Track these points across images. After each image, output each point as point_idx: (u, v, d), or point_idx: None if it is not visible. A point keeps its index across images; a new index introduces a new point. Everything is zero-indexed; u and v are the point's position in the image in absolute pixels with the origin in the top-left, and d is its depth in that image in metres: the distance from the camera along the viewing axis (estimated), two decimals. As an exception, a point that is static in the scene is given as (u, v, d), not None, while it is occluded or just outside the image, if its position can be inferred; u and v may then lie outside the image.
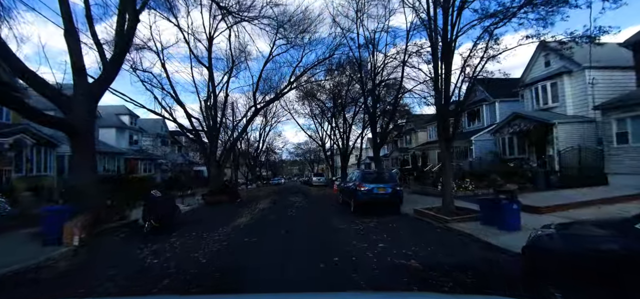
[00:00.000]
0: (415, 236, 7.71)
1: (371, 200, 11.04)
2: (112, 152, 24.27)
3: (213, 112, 21.46)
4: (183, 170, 38.98)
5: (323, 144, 38.93)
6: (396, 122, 18.56)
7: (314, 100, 30.82)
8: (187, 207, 15.22)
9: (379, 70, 17.21)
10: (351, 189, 11.88)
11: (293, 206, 14.64)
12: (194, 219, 11.68)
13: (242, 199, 18.24)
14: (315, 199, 18.14)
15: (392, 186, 11.27)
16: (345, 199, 13.36)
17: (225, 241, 7.47)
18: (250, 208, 13.98)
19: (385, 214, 11.03)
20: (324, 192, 23.83)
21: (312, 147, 67.48)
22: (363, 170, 13.05)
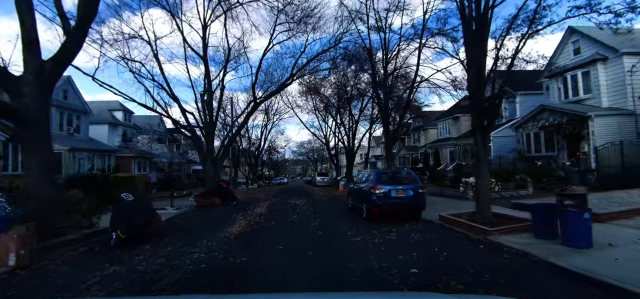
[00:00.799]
0: (454, 255, 5.86)
1: (389, 205, 9.20)
2: (102, 150, 22.60)
3: (208, 108, 19.73)
4: (180, 169, 37.33)
5: (327, 142, 37.09)
6: (411, 116, 16.60)
7: (317, 95, 29.01)
8: (175, 211, 13.47)
9: (392, 56, 15.34)
10: (364, 192, 10.03)
11: (295, 210, 12.82)
12: (177, 226, 9.93)
13: (238, 201, 16.45)
14: (320, 202, 16.31)
15: (413, 188, 9.41)
16: (355, 204, 11.53)
17: (205, 262, 5.67)
18: (246, 213, 12.18)
19: (405, 222, 9.20)
20: (329, 193, 21.98)
21: (316, 146, 65.79)
22: (378, 169, 11.19)
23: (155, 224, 8.66)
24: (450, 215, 9.26)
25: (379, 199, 9.21)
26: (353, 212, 11.39)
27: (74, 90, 22.69)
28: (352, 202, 12.00)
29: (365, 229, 8.41)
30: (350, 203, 12.32)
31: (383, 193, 9.21)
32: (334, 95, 29.07)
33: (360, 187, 10.77)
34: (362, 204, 10.10)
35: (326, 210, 12.73)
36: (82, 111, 23.08)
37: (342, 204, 14.64)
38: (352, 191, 12.16)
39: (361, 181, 11.17)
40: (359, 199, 10.74)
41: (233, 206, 15.08)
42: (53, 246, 7.07)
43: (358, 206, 10.96)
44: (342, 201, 16.10)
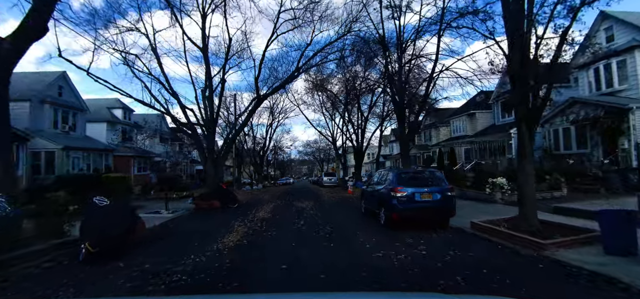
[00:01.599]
0: (514, 279, 4.44)
1: (412, 211, 7.80)
2: (98, 149, 21.52)
3: (209, 103, 18.50)
4: (182, 169, 36.31)
5: (334, 141, 35.71)
6: (429, 109, 15.09)
7: (324, 91, 27.65)
8: (170, 214, 12.22)
9: (408, 44, 13.90)
10: (381, 195, 8.65)
11: (302, 214, 11.47)
12: (166, 234, 8.64)
13: (240, 204, 15.17)
14: (329, 205, 14.94)
15: (440, 190, 8.00)
16: (369, 208, 10.14)
17: (185, 288, 4.35)
18: (248, 217, 10.86)
19: (430, 230, 7.80)
20: (337, 195, 20.61)
21: (322, 145, 64.45)
22: (398, 169, 9.77)
23: (138, 232, 7.39)
24: (484, 222, 7.84)
25: (400, 204, 7.81)
26: (367, 218, 9.99)
27: (69, 86, 21.66)
28: (366, 206, 10.61)
29: (385, 240, 7.02)
30: (364, 207, 10.92)
31: (405, 197, 7.81)
32: (341, 91, 27.68)
33: (376, 190, 9.37)
34: (379, 209, 8.71)
35: (336, 215, 11.35)
36: (78, 108, 22.04)
37: (353, 208, 13.25)
38: (366, 194, 10.76)
39: (377, 182, 9.76)
40: (374, 203, 9.34)
41: (234, 209, 13.80)
42: (11, 259, 5.85)
43: (373, 211, 9.57)
44: (353, 204, 14.71)
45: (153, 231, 9.05)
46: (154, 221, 10.82)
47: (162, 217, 11.84)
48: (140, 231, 7.56)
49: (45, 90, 19.50)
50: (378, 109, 26.09)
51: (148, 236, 7.74)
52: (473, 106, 28.71)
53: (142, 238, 7.37)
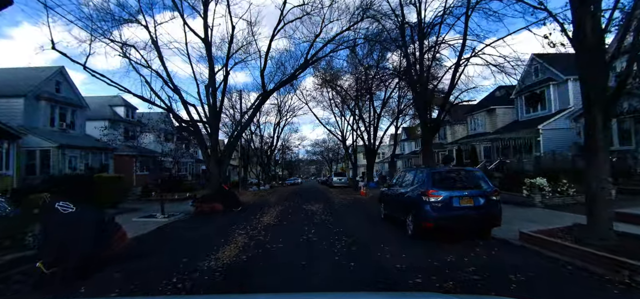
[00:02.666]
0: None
1: (450, 219, 6.36)
2: (97, 148, 20.51)
3: (212, 98, 17.29)
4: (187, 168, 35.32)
5: (344, 140, 34.26)
6: (453, 104, 13.47)
7: (335, 87, 26.25)
8: (165, 219, 10.98)
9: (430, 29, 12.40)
10: (408, 199, 7.20)
11: (311, 220, 10.08)
12: (153, 244, 7.35)
13: (244, 207, 13.87)
14: (342, 208, 13.53)
15: (484, 193, 6.53)
16: (391, 214, 8.72)
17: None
18: (250, 223, 9.52)
19: (470, 242, 6.34)
20: (349, 196, 19.19)
21: (330, 145, 63.03)
22: (430, 168, 8.25)
23: (117, 245, 6.10)
24: (537, 233, 6.36)
25: (434, 211, 6.36)
26: (389, 226, 8.55)
27: (67, 82, 20.71)
28: (387, 212, 9.16)
29: (419, 257, 5.58)
30: (384, 212, 9.48)
31: (441, 202, 6.35)
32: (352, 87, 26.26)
33: (400, 193, 7.92)
34: (405, 215, 7.26)
35: (352, 221, 9.92)
36: (77, 105, 21.08)
37: (369, 212, 11.82)
38: (386, 197, 9.31)
39: (401, 183, 8.29)
40: (398, 209, 7.90)
41: (237, 213, 12.51)
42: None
43: (396, 218, 8.13)
44: (368, 207, 13.27)
45: (140, 240, 7.79)
46: (145, 227, 9.60)
47: (156, 222, 10.61)
48: (120, 242, 6.26)
49: (42, 85, 18.54)
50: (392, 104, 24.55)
51: (129, 248, 6.44)
52: (492, 102, 26.97)
53: (121, 251, 6.07)
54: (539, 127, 19.01)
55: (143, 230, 8.88)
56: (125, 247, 6.39)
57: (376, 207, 12.83)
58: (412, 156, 40.48)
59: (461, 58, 11.45)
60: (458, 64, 11.51)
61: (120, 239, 6.34)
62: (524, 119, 22.72)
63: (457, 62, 11.51)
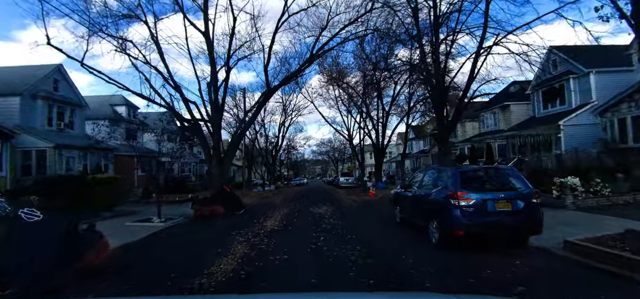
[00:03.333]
0: None
1: (485, 226, 5.42)
2: (97, 148, 19.78)
3: (214, 95, 16.51)
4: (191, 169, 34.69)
5: (351, 139, 33.31)
6: (472, 97, 12.36)
7: (341, 84, 25.35)
8: (162, 223, 10.16)
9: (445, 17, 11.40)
10: (433, 202, 6.26)
11: (319, 225, 9.17)
12: (140, 255, 6.52)
13: (247, 209, 13.02)
14: (352, 211, 12.62)
15: (522, 195, 5.59)
16: (409, 218, 7.79)
17: None
18: (253, 229, 8.65)
19: (505, 252, 5.41)
20: (358, 198, 18.26)
21: (336, 145, 62.11)
22: (457, 166, 7.28)
23: (96, 257, 5.26)
24: (584, 241, 5.39)
25: (465, 216, 5.42)
26: (407, 231, 7.60)
27: (66, 80, 20.09)
28: (403, 216, 8.22)
29: (452, 272, 4.67)
30: (399, 216, 8.53)
31: (473, 206, 5.41)
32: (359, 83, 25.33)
33: (420, 195, 6.99)
34: (428, 220, 6.31)
35: (364, 226, 8.99)
36: (76, 104, 20.45)
37: (382, 215, 10.89)
38: (402, 199, 8.36)
39: (421, 184, 7.34)
40: (418, 213, 6.96)
41: (239, 216, 11.67)
42: None
43: (416, 223, 7.20)
44: (380, 210, 12.34)
45: (128, 249, 6.95)
46: (138, 232, 8.79)
47: (151, 227, 9.80)
48: (101, 253, 5.44)
49: (38, 84, 17.91)
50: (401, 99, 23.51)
51: (111, 260, 5.60)
52: (506, 98, 25.81)
53: (100, 264, 5.24)
54: (560, 123, 17.85)
55: (134, 237, 8.06)
56: (106, 259, 5.55)
57: (389, 209, 11.89)
58: (421, 155, 39.35)
59: (482, 47, 10.46)
60: (478, 53, 10.52)
61: (101, 250, 5.50)
62: (541, 115, 21.55)
63: (477, 51, 10.52)
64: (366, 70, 18.23)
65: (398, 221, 8.65)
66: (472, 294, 3.88)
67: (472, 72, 10.80)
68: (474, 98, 11.85)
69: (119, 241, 7.58)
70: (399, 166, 49.91)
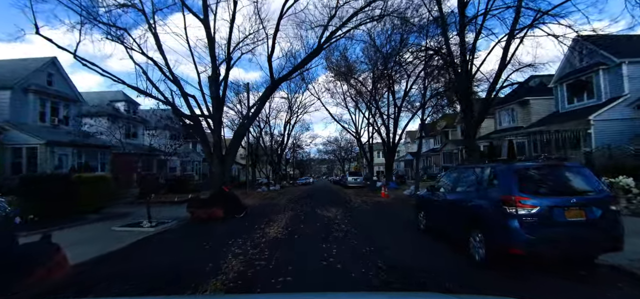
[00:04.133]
0: None
1: (554, 242, 4.11)
2: (93, 146, 18.87)
3: (214, 88, 15.39)
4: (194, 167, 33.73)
5: (359, 137, 32.00)
6: (502, 86, 10.92)
7: (350, 78, 24.07)
8: (152, 228, 9.02)
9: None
10: (476, 208, 4.99)
11: (330, 232, 7.92)
12: (110, 271, 5.32)
13: (248, 212, 11.84)
14: (365, 215, 11.35)
15: (598, 200, 4.29)
16: (439, 226, 6.53)
17: None
18: (252, 237, 7.45)
19: (569, 272, 4.16)
20: (369, 199, 16.98)
21: (343, 144, 60.74)
22: (511, 162, 5.90)
23: (51, 274, 4.11)
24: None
25: (526, 228, 4.13)
26: (436, 243, 6.31)
27: (61, 74, 19.14)
28: (430, 223, 6.93)
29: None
30: (424, 223, 7.24)
31: (537, 214, 4.12)
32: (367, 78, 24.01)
33: (457, 200, 5.71)
34: (468, 232, 5.03)
35: (383, 235, 7.70)
36: (71, 99, 19.51)
37: (400, 220, 9.63)
38: (429, 204, 7.05)
39: (457, 185, 6.02)
40: (455, 222, 5.67)
41: (239, 220, 10.49)
42: None
43: (449, 233, 5.93)
44: (396, 213, 11.08)
45: (98, 262, 5.78)
46: (120, 240, 7.64)
47: (139, 232, 8.66)
48: (56, 271, 4.27)
49: (30, 77, 16.96)
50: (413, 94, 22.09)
51: (71, 278, 4.43)
52: (526, 93, 24.25)
53: (56, 282, 4.07)
54: (590, 118, 16.35)
55: (114, 245, 6.91)
56: (64, 276, 4.39)
57: (407, 213, 10.61)
58: (431, 154, 37.90)
59: (515, 28, 9.11)
60: (511, 35, 9.17)
61: (57, 266, 4.34)
62: (566, 110, 20.01)
63: (510, 32, 9.16)
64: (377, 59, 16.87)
65: (422, 228, 7.36)
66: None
67: (504, 58, 9.45)
68: (504, 87, 10.47)
69: (95, 251, 6.46)
70: (408, 165, 48.46)
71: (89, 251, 6.40)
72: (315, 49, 15.29)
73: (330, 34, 14.92)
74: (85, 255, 6.02)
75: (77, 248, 6.80)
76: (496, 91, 10.23)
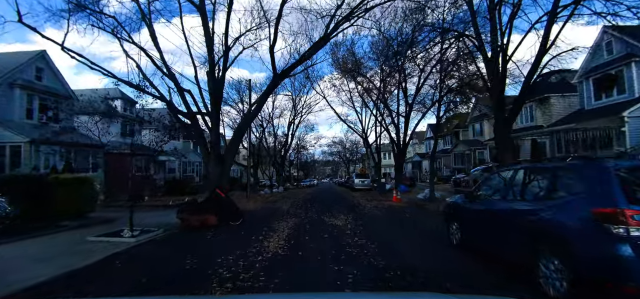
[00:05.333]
0: None
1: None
2: (84, 145, 17.73)
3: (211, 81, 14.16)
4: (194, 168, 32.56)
5: (365, 137, 30.57)
6: (540, 73, 9.37)
7: (357, 74, 22.72)
8: (130, 239, 7.73)
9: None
10: (553, 225, 3.58)
11: (341, 246, 6.56)
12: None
13: (246, 218, 10.52)
14: (379, 223, 9.98)
15: None
16: (480, 243, 5.16)
17: None
18: (247, 253, 6.13)
19: None
20: (379, 203, 15.60)
21: (348, 145, 59.37)
22: (604, 162, 4.38)
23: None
24: None
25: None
26: (478, 263, 4.94)
27: (51, 69, 18.04)
28: (468, 238, 5.55)
29: None
30: (458, 237, 5.86)
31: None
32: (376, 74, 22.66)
33: (515, 211, 4.31)
34: (539, 257, 3.64)
35: (408, 251, 6.31)
36: (62, 96, 18.38)
37: (422, 230, 8.27)
38: (465, 214, 5.67)
39: (511, 191, 4.62)
40: (510, 241, 4.27)
41: (235, 228, 9.19)
42: None
43: (499, 254, 4.56)
44: (415, 221, 9.69)
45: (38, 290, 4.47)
46: (92, 254, 6.37)
47: (116, 244, 7.38)
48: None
49: (16, 72, 15.85)
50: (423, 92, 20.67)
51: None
52: (545, 89, 22.70)
53: None
54: (624, 115, 14.84)
55: (76, 263, 5.62)
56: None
57: (428, 221, 9.25)
58: (442, 155, 36.37)
59: (558, 5, 7.70)
60: (554, 13, 7.77)
61: None
62: (592, 107, 18.48)
63: (552, 10, 7.75)
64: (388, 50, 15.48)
65: (455, 243, 5.99)
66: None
67: (545, 41, 8.02)
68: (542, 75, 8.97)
69: (51, 271, 5.18)
70: (415, 167, 46.90)
71: (42, 272, 5.13)
72: (321, 38, 13.98)
73: (337, 24, 13.63)
74: (32, 278, 4.75)
75: (31, 266, 5.54)
76: (535, 78, 8.77)
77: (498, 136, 9.58)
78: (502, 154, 8.98)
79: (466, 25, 10.00)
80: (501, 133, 9.20)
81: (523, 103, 10.20)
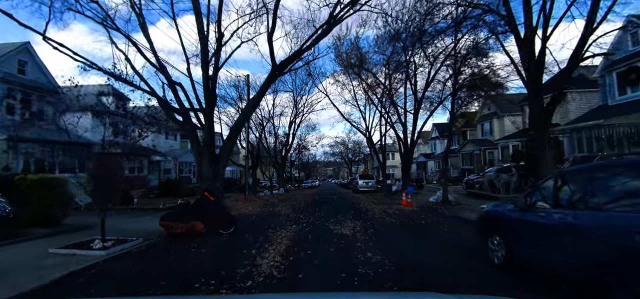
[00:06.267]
0: None
1: None
2: (69, 143, 16.53)
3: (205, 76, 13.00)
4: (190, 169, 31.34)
5: (370, 136, 29.32)
6: (580, 57, 8.11)
7: (362, 70, 21.50)
8: (100, 252, 6.50)
9: None
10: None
11: (354, 268, 5.26)
12: None
13: (240, 225, 9.27)
14: (393, 232, 8.71)
15: None
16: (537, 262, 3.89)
17: None
18: (234, 276, 4.87)
19: None
20: (388, 207, 14.31)
21: (350, 145, 58.07)
22: None
23: None
24: None
25: None
26: (538, 291, 3.68)
27: (35, 62, 16.87)
28: (520, 256, 4.27)
29: None
30: (502, 254, 4.58)
31: None
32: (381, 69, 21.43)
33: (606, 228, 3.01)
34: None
35: (436, 273, 4.99)
36: (48, 91, 17.20)
37: (444, 241, 7.00)
38: (516, 227, 4.38)
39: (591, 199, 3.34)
40: (598, 266, 2.99)
41: (226, 238, 7.94)
42: None
43: (572, 278, 3.28)
44: (435, 230, 8.39)
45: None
46: (46, 273, 5.15)
47: (81, 258, 6.15)
48: None
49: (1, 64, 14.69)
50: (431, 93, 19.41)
51: None
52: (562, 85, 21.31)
53: None
54: (658, 111, 13.51)
55: (21, 286, 4.38)
56: None
57: (451, 230, 7.98)
58: (449, 155, 34.99)
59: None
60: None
61: None
62: (617, 102, 17.16)
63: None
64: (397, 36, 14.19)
65: (497, 262, 4.71)
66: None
67: (592, 19, 6.71)
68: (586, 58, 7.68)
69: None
70: (420, 167, 45.56)
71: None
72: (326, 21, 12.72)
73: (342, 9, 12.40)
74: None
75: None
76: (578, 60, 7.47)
77: (535, 131, 8.29)
78: (540, 151, 7.69)
79: (490, 3, 8.71)
80: (539, 125, 7.90)
81: (564, 91, 8.88)
